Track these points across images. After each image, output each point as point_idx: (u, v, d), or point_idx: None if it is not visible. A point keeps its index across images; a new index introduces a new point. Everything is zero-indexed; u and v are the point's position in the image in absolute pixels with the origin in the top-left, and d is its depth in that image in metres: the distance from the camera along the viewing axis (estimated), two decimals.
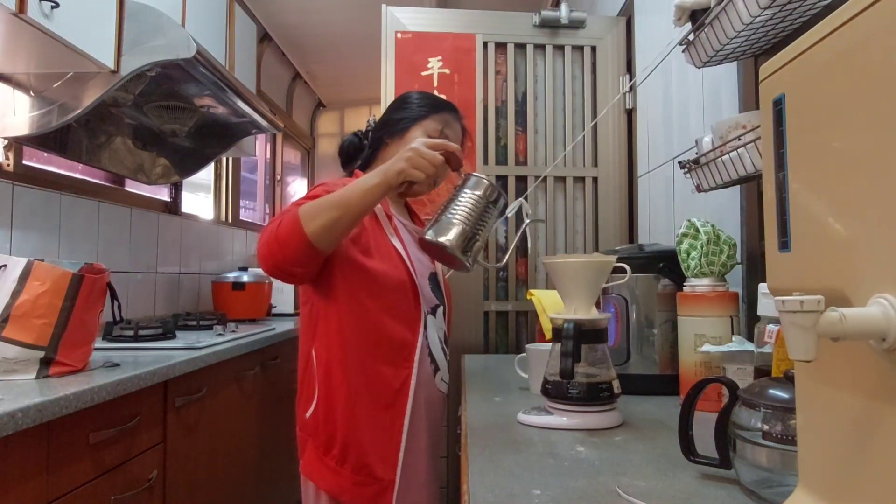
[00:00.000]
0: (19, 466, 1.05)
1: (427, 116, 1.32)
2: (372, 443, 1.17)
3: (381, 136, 1.35)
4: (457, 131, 1.35)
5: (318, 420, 1.20)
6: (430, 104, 1.35)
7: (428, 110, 1.33)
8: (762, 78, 0.57)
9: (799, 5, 0.97)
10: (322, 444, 1.19)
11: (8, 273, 1.30)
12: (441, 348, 1.31)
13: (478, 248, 1.08)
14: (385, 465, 1.17)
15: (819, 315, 0.42)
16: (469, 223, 1.06)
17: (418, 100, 1.36)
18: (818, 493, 0.51)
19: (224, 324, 2.32)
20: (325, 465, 1.18)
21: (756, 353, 0.94)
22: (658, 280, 1.28)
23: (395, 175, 1.06)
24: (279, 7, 3.41)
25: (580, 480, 0.74)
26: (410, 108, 1.34)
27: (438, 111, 1.33)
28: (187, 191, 3.03)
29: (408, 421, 1.19)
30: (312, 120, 4.96)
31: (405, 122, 1.32)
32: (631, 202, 2.24)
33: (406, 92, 1.42)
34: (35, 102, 1.76)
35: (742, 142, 1.07)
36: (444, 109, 1.35)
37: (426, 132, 1.29)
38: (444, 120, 1.32)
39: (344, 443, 1.17)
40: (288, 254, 1.06)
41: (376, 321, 1.20)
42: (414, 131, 1.30)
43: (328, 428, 1.19)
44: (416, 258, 1.28)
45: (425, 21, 2.23)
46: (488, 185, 1.11)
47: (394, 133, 1.33)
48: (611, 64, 2.27)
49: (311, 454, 1.21)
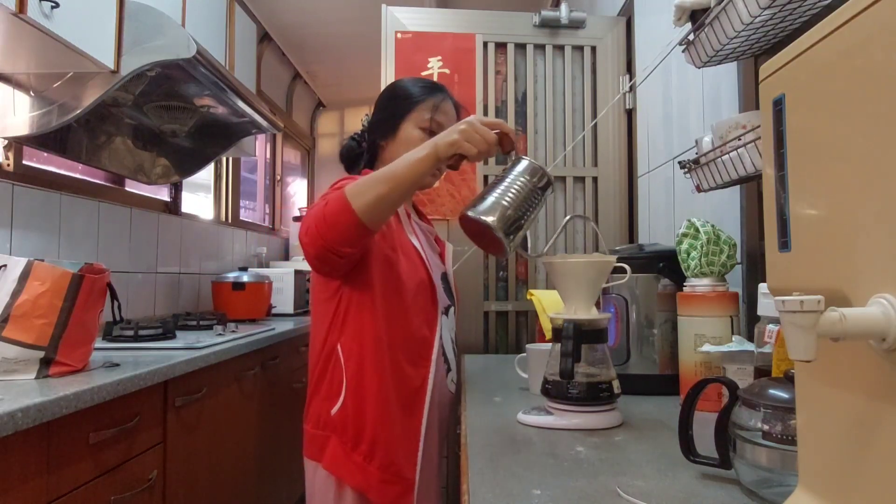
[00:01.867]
0: (19, 466, 1.05)
1: (414, 108, 1.29)
2: (397, 441, 1.16)
3: (375, 140, 1.33)
4: (448, 111, 1.32)
5: (347, 415, 1.16)
6: (415, 93, 1.31)
7: (414, 101, 1.30)
8: (762, 78, 0.57)
9: (799, 5, 0.97)
10: (350, 439, 1.15)
11: (8, 273, 1.30)
12: (452, 349, 1.32)
13: (521, 234, 1.02)
14: (408, 465, 1.16)
15: (819, 315, 0.42)
16: (515, 206, 1.00)
17: (402, 91, 1.33)
18: (818, 493, 0.51)
19: (224, 324, 2.32)
20: (352, 461, 1.15)
21: (756, 353, 0.94)
22: (658, 280, 1.28)
23: (447, 146, 1.02)
24: (279, 7, 3.41)
25: (580, 480, 0.74)
26: (396, 104, 1.31)
27: (424, 98, 1.30)
28: (187, 191, 3.03)
29: (425, 421, 1.19)
30: (312, 120, 4.96)
31: (394, 119, 1.30)
32: (631, 202, 2.24)
33: (390, 84, 1.39)
34: (35, 102, 1.76)
35: (742, 142, 1.07)
36: (430, 94, 1.30)
37: (417, 125, 1.28)
38: (433, 105, 1.29)
39: (373, 440, 1.14)
40: (337, 232, 1.03)
41: (405, 318, 1.19)
42: (405, 127, 1.28)
43: (357, 423, 1.15)
44: (430, 258, 1.28)
45: (425, 21, 2.23)
46: (539, 170, 1.04)
47: (386, 134, 1.31)
48: (611, 64, 2.27)
49: (336, 450, 1.16)
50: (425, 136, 1.24)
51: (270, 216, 4.32)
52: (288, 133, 4.39)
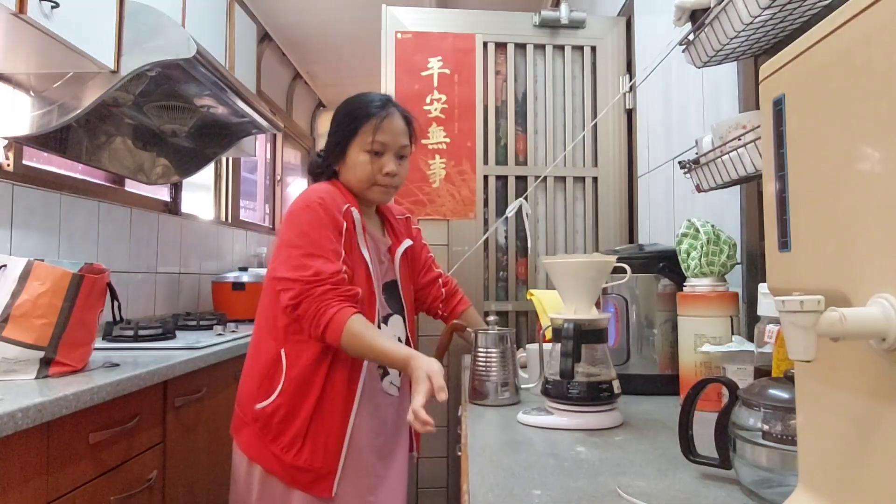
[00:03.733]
0: (19, 466, 1.05)
1: (356, 132, 1.31)
2: (318, 439, 1.24)
3: (330, 164, 1.38)
4: (390, 128, 1.32)
5: (274, 415, 1.25)
6: (355, 116, 1.33)
7: (356, 124, 1.32)
8: (762, 78, 0.57)
9: (799, 5, 0.97)
10: (271, 433, 1.25)
11: (8, 273, 1.30)
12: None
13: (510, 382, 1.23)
14: (326, 457, 1.24)
15: (819, 315, 0.42)
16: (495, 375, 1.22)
17: (346, 115, 1.35)
18: (818, 493, 0.51)
19: (224, 324, 2.32)
20: (268, 450, 1.25)
21: (756, 353, 0.94)
22: (658, 280, 1.28)
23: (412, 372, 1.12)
24: (279, 7, 3.41)
25: (580, 480, 0.74)
26: (342, 128, 1.34)
27: (365, 119, 1.31)
28: (187, 191, 3.03)
29: (353, 419, 1.26)
30: (312, 120, 4.96)
31: (342, 145, 1.34)
32: (631, 202, 2.24)
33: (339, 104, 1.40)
34: (35, 102, 1.76)
35: (742, 142, 1.07)
36: (370, 116, 1.31)
37: (362, 148, 1.31)
38: (373, 127, 1.30)
39: (293, 439, 1.24)
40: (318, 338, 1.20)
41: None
42: (351, 153, 1.33)
43: (283, 424, 1.25)
44: (376, 268, 1.34)
45: (425, 21, 2.23)
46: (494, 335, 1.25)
47: (337, 158, 1.35)
48: (611, 64, 2.27)
49: (252, 438, 1.27)
50: (370, 158, 1.31)
51: (270, 216, 4.32)
52: (288, 133, 4.39)
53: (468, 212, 2.19)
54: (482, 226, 2.20)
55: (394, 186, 1.35)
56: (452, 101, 2.20)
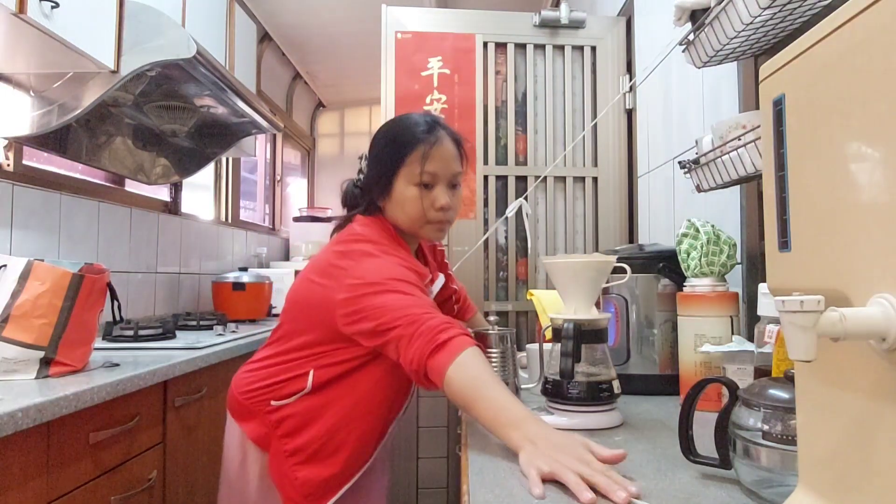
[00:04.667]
0: (19, 466, 1.05)
1: (403, 162, 1.16)
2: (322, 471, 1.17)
3: (373, 199, 1.23)
4: (441, 155, 1.16)
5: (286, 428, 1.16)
6: (399, 143, 1.17)
7: (402, 153, 1.16)
8: (762, 78, 0.57)
9: (799, 5, 0.97)
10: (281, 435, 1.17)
11: (8, 273, 1.30)
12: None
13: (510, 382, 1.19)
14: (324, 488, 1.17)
15: (819, 315, 0.42)
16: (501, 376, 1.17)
17: (390, 141, 1.19)
18: (818, 493, 0.51)
19: (224, 324, 2.32)
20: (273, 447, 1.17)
21: (756, 353, 0.94)
22: (658, 280, 1.28)
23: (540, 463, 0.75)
24: (279, 7, 3.41)
25: None
26: (386, 158, 1.19)
27: (412, 148, 1.16)
28: (187, 191, 3.03)
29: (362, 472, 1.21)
30: (312, 120, 4.96)
31: (386, 178, 1.18)
32: (631, 202, 2.24)
33: (380, 128, 1.26)
34: (35, 102, 1.76)
35: (742, 142, 1.07)
36: (417, 142, 1.16)
37: (410, 182, 1.16)
38: (422, 154, 1.15)
39: (304, 445, 1.16)
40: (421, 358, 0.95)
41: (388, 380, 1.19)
42: (398, 187, 1.17)
43: (294, 440, 1.16)
44: None
45: (425, 21, 2.23)
46: (494, 335, 1.22)
47: (381, 193, 1.20)
48: (611, 64, 2.27)
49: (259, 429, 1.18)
50: (420, 192, 1.16)
51: (270, 216, 4.32)
52: (288, 133, 4.39)
53: (468, 212, 2.19)
54: (482, 226, 2.20)
55: (448, 221, 1.20)
56: (452, 101, 2.20)
